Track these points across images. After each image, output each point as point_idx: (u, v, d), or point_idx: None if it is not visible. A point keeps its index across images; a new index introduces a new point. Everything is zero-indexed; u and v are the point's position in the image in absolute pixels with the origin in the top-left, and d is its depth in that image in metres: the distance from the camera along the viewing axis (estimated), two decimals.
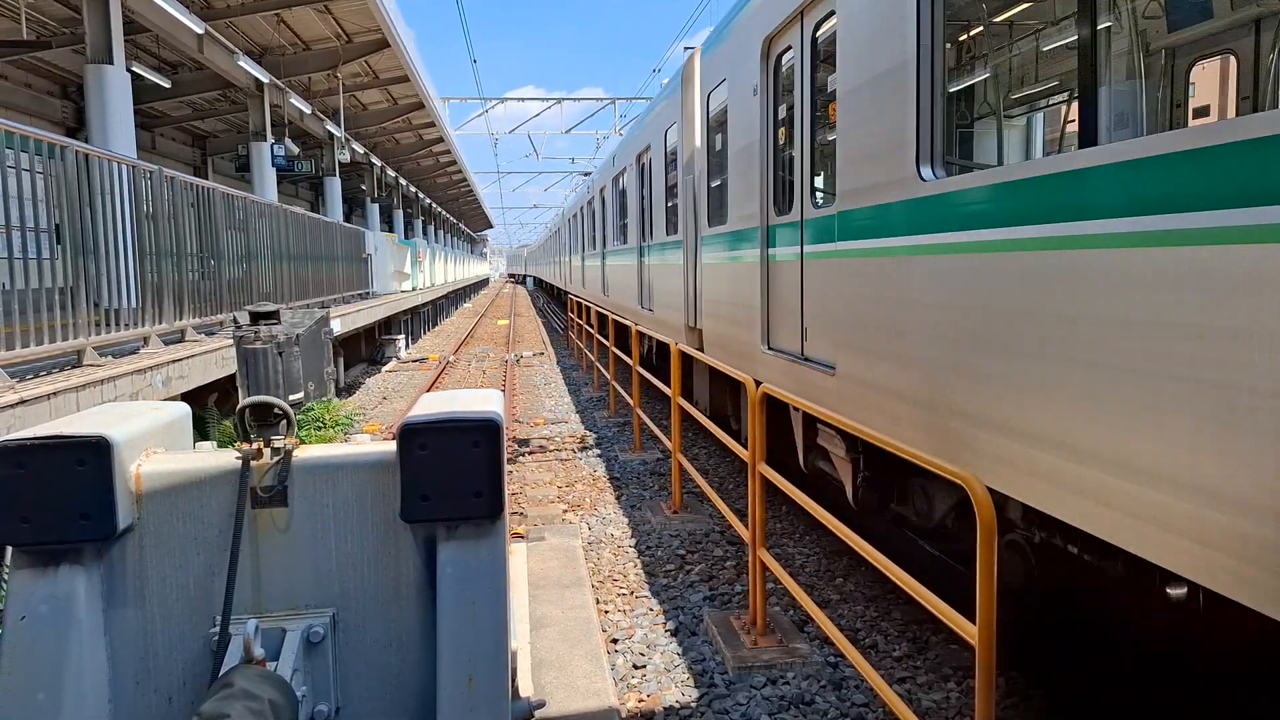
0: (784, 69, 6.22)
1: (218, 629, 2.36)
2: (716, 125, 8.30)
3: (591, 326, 16.23)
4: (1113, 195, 2.76)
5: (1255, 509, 2.25)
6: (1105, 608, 3.62)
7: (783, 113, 6.31)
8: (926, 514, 4.59)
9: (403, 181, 36.36)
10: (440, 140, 32.85)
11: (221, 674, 2.22)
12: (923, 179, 3.96)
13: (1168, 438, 2.53)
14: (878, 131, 4.42)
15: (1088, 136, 3.18)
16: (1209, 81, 4.92)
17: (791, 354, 5.90)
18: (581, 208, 22.34)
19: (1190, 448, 2.45)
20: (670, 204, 10.17)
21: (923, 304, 3.97)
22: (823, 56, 5.46)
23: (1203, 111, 4.97)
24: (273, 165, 17.97)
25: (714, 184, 8.40)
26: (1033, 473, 3.15)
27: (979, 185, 3.57)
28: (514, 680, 2.61)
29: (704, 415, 6.75)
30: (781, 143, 6.32)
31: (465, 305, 50.84)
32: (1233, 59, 4.74)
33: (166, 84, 17.60)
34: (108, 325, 6.73)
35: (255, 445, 2.46)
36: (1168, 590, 3.10)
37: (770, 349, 6.38)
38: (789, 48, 6.00)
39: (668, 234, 10.27)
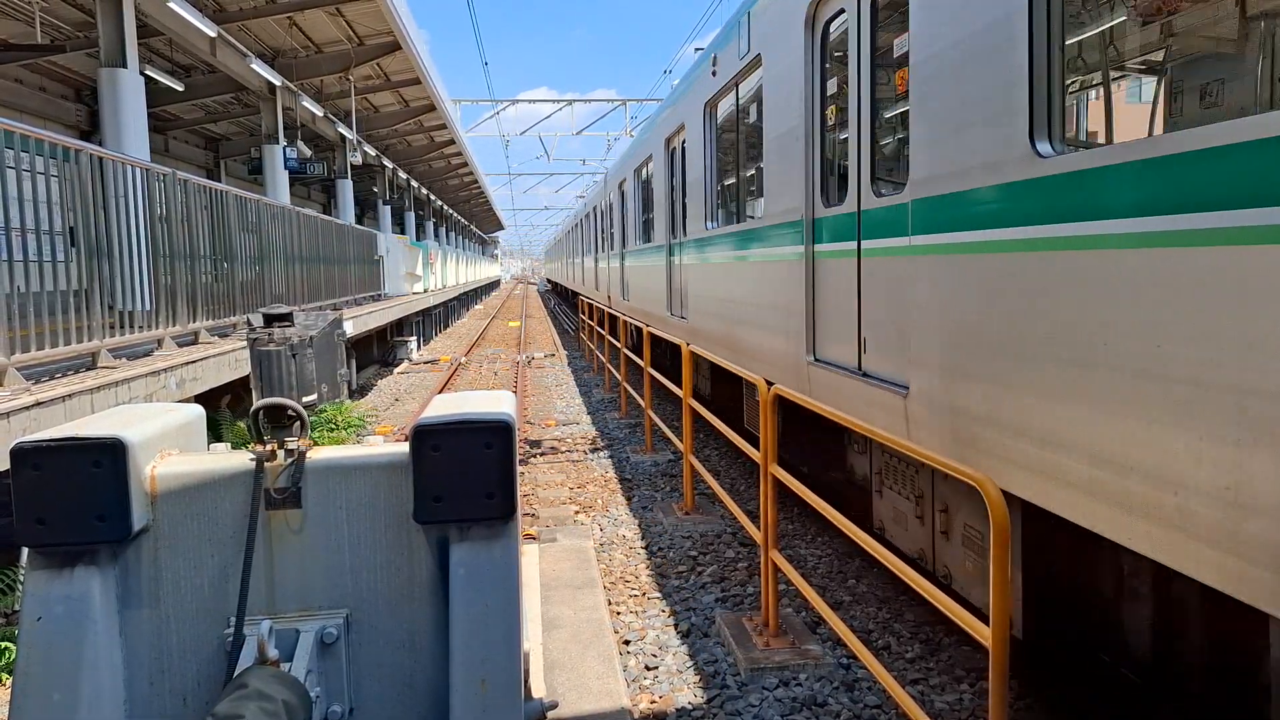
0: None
1: (232, 629, 2.38)
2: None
3: (603, 328, 16.21)
4: None
5: None
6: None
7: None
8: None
9: (414, 184, 36.45)
10: (452, 142, 32.91)
11: (236, 674, 2.23)
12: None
13: None
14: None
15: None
16: None
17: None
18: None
19: None
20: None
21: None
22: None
23: None
24: (285, 168, 18.02)
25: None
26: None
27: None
28: (526, 681, 2.62)
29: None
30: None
31: (476, 307, 50.95)
32: None
33: (179, 87, 17.69)
34: (122, 327, 6.77)
35: (269, 447, 2.47)
36: None
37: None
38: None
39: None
